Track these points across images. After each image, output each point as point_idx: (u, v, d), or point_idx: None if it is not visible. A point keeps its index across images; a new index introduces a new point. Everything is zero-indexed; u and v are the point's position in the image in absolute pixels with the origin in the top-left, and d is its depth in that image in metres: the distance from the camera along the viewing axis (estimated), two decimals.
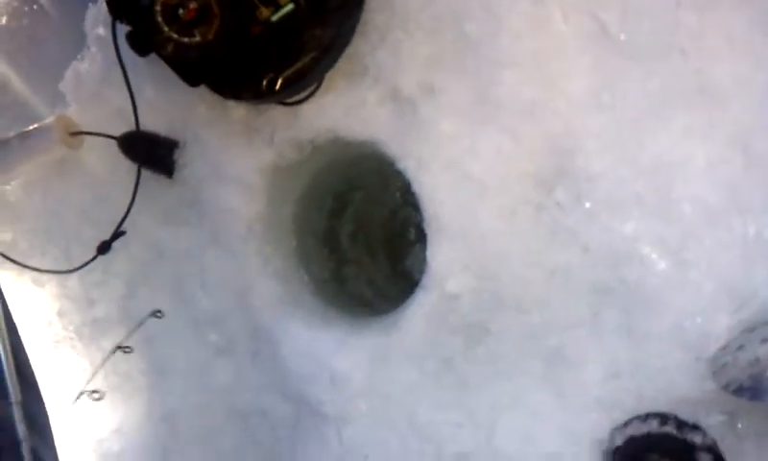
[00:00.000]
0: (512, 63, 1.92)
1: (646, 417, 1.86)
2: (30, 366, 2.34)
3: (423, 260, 2.20)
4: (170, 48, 1.92)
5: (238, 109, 2.26)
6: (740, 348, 1.68)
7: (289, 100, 2.19)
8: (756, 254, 1.74)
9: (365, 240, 2.66)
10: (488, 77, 1.95)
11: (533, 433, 2.04)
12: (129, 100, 2.29)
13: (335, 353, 2.27)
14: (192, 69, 2.02)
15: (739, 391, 1.59)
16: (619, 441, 1.86)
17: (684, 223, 1.79)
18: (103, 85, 2.42)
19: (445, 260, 2.08)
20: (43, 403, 2.28)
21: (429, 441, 2.14)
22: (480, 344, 2.08)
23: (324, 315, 2.39)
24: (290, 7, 1.90)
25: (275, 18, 1.91)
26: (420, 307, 2.15)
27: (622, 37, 1.78)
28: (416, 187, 2.08)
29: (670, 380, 1.86)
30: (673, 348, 1.84)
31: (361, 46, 2.09)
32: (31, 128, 2.42)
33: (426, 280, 2.14)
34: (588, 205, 1.89)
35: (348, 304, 2.52)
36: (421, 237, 2.23)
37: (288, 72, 2.06)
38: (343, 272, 2.64)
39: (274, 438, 2.40)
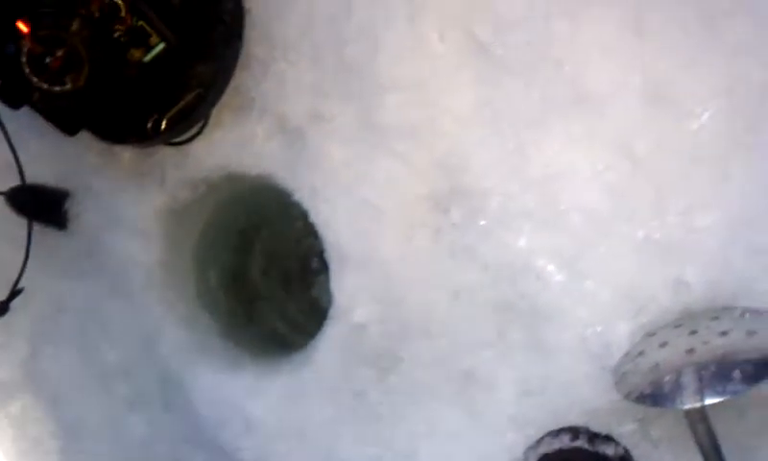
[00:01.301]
0: (393, 86, 1.88)
1: (558, 432, 1.83)
2: None
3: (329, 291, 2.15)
4: (41, 98, 1.84)
5: (126, 154, 2.19)
6: (641, 354, 1.66)
7: (177, 140, 2.12)
8: (649, 258, 1.73)
9: (278, 273, 2.60)
10: (371, 101, 1.92)
11: (452, 458, 1.99)
12: (11, 154, 2.20)
13: (248, 397, 2.21)
14: (67, 117, 1.94)
15: (641, 399, 1.56)
16: (533, 459, 1.82)
17: (575, 233, 1.77)
18: None
19: (350, 290, 2.04)
20: None
21: None
22: (392, 373, 2.04)
23: (233, 358, 2.33)
24: (161, 46, 1.83)
25: (147, 59, 1.85)
26: (330, 340, 2.11)
27: (499, 51, 1.76)
28: (313, 217, 2.04)
29: (579, 393, 1.84)
30: (579, 360, 1.82)
31: (245, 79, 2.04)
32: None
33: (333, 312, 2.09)
34: (482, 222, 1.86)
35: (261, 343, 2.45)
36: (326, 267, 2.18)
37: (172, 111, 2.01)
38: (255, 309, 2.57)
39: None
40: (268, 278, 2.60)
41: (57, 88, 1.79)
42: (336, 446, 2.10)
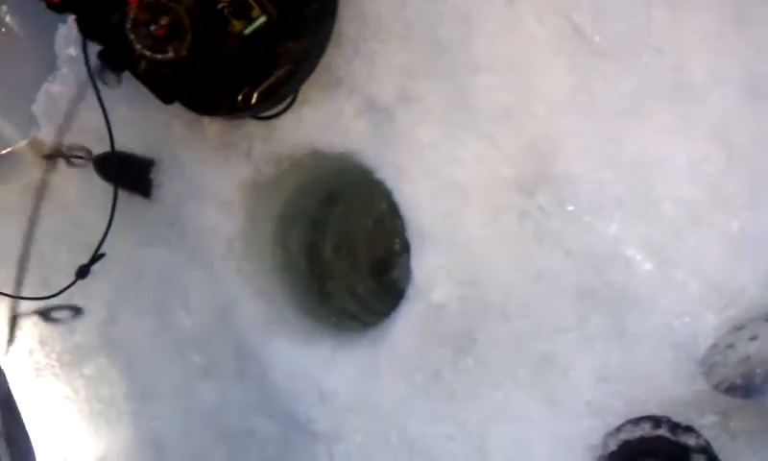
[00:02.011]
0: (487, 68, 1.89)
1: (638, 420, 1.83)
2: (12, 395, 2.30)
3: (409, 271, 2.16)
4: (143, 65, 1.88)
5: (214, 125, 2.23)
6: (730, 346, 1.65)
7: (265, 114, 2.16)
8: (741, 251, 1.72)
9: (348, 253, 2.62)
10: (463, 83, 1.93)
11: (525, 442, 2.01)
12: (103, 120, 2.25)
13: (323, 370, 2.24)
14: (166, 86, 1.98)
15: (731, 390, 1.56)
16: (613, 446, 1.83)
17: (667, 222, 1.76)
18: (76, 106, 2.38)
19: (430, 270, 2.05)
20: (26, 431, 2.24)
21: (421, 454, 2.11)
22: (468, 354, 2.05)
23: (309, 331, 2.35)
24: (262, 19, 1.86)
25: (247, 32, 1.88)
26: (406, 319, 2.12)
27: (596, 38, 1.76)
28: (396, 197, 2.05)
29: (661, 382, 1.83)
30: (662, 349, 1.81)
31: (335, 57, 2.06)
32: (2, 153, 2.37)
33: (411, 291, 2.11)
34: (570, 208, 1.86)
35: (334, 320, 2.48)
36: (408, 247, 2.20)
37: (263, 86, 2.03)
38: (327, 287, 2.60)
39: (263, 458, 2.35)
40: (340, 257, 2.63)
41: (159, 56, 1.83)
42: (408, 423, 2.12)
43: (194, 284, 2.41)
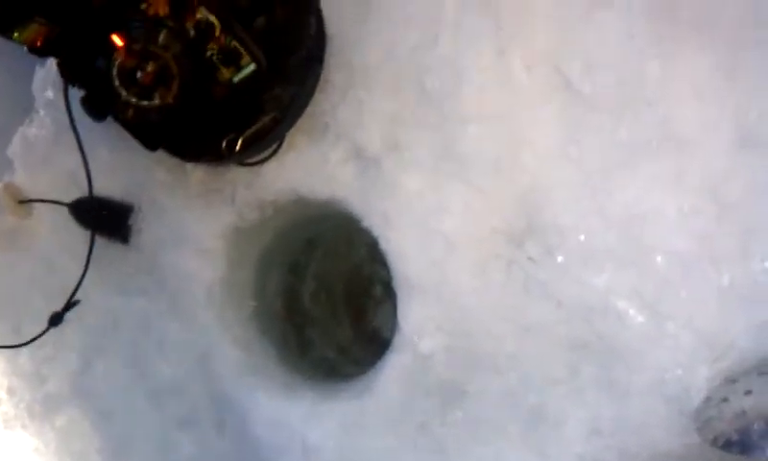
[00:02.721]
0: (475, 118, 1.89)
1: None
2: None
3: (393, 319, 2.13)
4: (129, 112, 1.83)
5: (197, 172, 2.19)
6: (724, 400, 1.64)
7: (250, 160, 2.12)
8: (732, 304, 1.71)
9: (327, 300, 2.58)
10: (451, 132, 1.92)
11: None
12: (81, 164, 2.20)
13: (305, 423, 2.18)
14: (151, 132, 1.94)
15: (728, 446, 1.54)
16: None
17: (658, 275, 1.76)
18: (53, 150, 2.33)
19: (417, 320, 2.02)
20: None
21: None
22: (457, 407, 2.01)
23: (289, 382, 2.30)
24: (251, 67, 1.84)
25: (236, 79, 1.85)
26: (392, 370, 2.08)
27: (586, 89, 1.77)
28: (383, 245, 2.03)
29: (653, 435, 1.81)
30: (654, 402, 1.79)
31: (322, 104, 2.05)
32: None
33: (398, 341, 2.08)
34: (559, 258, 1.85)
35: (313, 370, 2.43)
36: (390, 295, 2.17)
37: (248, 132, 2.00)
38: (305, 334, 2.55)
39: None
40: (319, 304, 2.59)
41: (145, 103, 1.79)
42: None
43: (172, 333, 2.35)
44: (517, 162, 1.85)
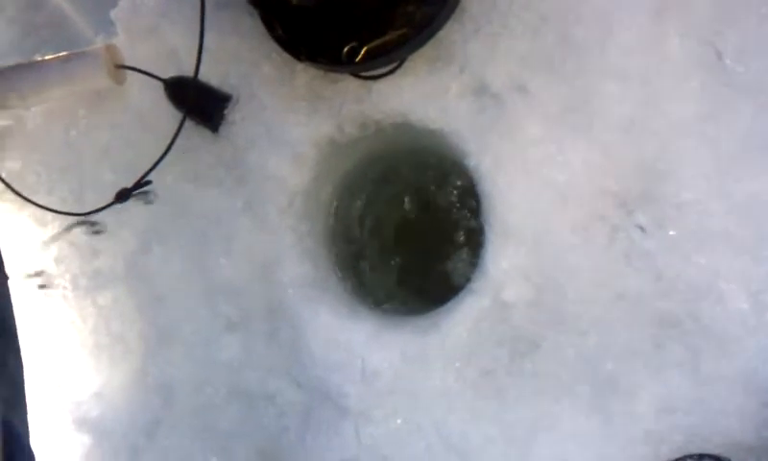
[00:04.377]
0: (616, 76, 1.88)
1: (701, 457, 1.81)
2: (12, 315, 2.14)
3: (471, 266, 2.12)
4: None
5: (307, 74, 2.15)
6: None
7: (366, 73, 2.09)
8: None
9: (404, 237, 2.55)
10: (587, 86, 1.91)
11: (572, 459, 1.95)
12: (184, 40, 2.19)
13: (367, 346, 2.17)
14: (280, 19, 1.91)
15: None
16: None
17: None
18: (159, 21, 2.28)
19: (506, 267, 2.01)
20: (20, 357, 2.08)
21: (457, 451, 2.05)
22: (528, 359, 2.01)
23: (354, 305, 2.27)
24: None
25: None
26: (467, 312, 2.07)
27: (738, 70, 1.76)
28: (487, 186, 2.01)
29: (728, 423, 1.83)
30: (738, 391, 1.81)
31: (453, 34, 2.03)
32: (73, 52, 2.24)
33: (479, 285, 2.06)
34: (671, 233, 1.85)
35: (374, 299, 2.40)
36: (470, 242, 2.15)
37: (373, 44, 1.98)
38: (376, 263, 2.53)
39: (280, 426, 2.25)
40: (398, 238, 2.56)
41: None
42: (448, 417, 2.07)
43: (241, 233, 2.31)
44: (649, 128, 1.84)
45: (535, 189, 1.96)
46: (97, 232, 2.44)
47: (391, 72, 2.09)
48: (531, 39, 1.95)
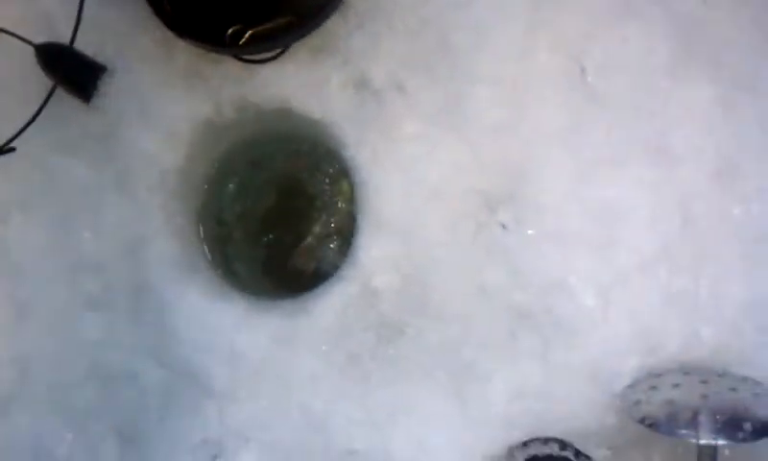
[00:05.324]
0: (488, 81, 2.00)
1: (546, 440, 1.96)
2: None
3: (340, 254, 2.20)
4: None
5: (188, 52, 2.14)
6: (653, 388, 1.84)
7: (248, 57, 2.11)
8: (673, 311, 1.93)
9: (272, 224, 2.57)
10: (461, 88, 2.02)
11: (430, 441, 2.07)
12: (60, 5, 2.12)
13: (236, 327, 2.18)
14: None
15: (655, 426, 1.73)
16: (520, 459, 1.94)
17: (618, 266, 1.94)
18: None
19: (377, 256, 2.10)
20: None
21: (321, 432, 2.11)
22: (392, 345, 2.09)
23: (224, 288, 2.28)
24: None
25: None
26: (337, 297, 2.13)
27: (599, 86, 1.93)
28: (363, 178, 2.09)
29: (573, 409, 1.98)
30: (582, 380, 1.97)
31: (338, 26, 2.09)
32: None
33: (349, 272, 2.13)
34: (530, 231, 1.99)
35: (241, 284, 2.42)
36: (342, 232, 2.22)
37: (258, 28, 2.01)
38: (246, 249, 2.54)
39: (141, 405, 2.22)
40: (267, 225, 2.57)
41: None
42: (314, 400, 2.12)
43: (109, 208, 2.26)
44: (517, 133, 1.98)
45: (408, 184, 2.06)
46: None
47: (274, 58, 2.12)
48: (411, 41, 2.04)
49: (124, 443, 2.21)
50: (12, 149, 2.17)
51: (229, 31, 2.00)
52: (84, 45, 2.18)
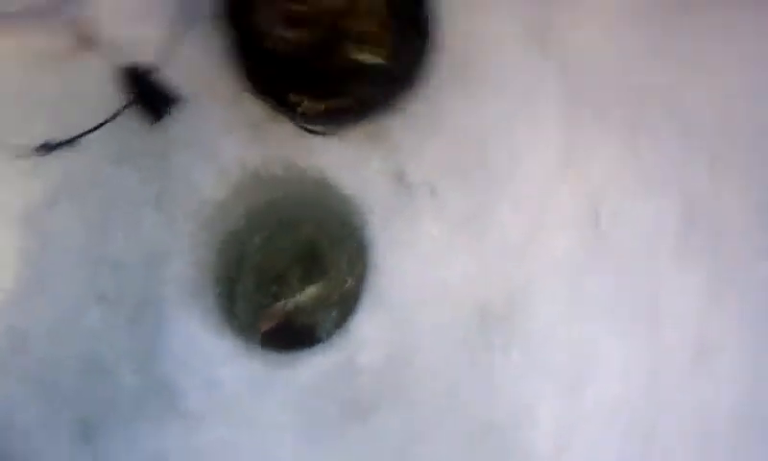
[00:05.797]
0: (512, 201, 2.20)
1: None
2: None
3: (335, 324, 2.38)
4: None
5: (255, 105, 2.36)
6: None
7: (308, 126, 2.32)
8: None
9: (283, 285, 2.72)
10: (487, 202, 2.21)
11: None
12: (155, 32, 2.36)
13: (222, 361, 2.31)
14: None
15: None
16: None
17: (581, 410, 2.06)
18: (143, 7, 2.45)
19: (369, 333, 2.22)
20: None
21: None
22: (357, 421, 2.20)
23: (220, 323, 2.41)
24: (377, 61, 2.10)
25: (358, 57, 2.11)
26: (322, 362, 2.25)
27: (608, 235, 2.12)
28: (378, 259, 2.25)
29: None
30: None
31: (391, 120, 2.31)
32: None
33: (339, 341, 2.24)
34: (515, 354, 2.12)
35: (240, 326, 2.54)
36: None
37: (318, 103, 2.21)
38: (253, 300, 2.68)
39: (113, 401, 2.33)
40: (278, 284, 2.72)
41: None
42: (270, 448, 2.23)
43: (145, 220, 2.43)
44: (525, 256, 2.15)
45: (417, 278, 2.21)
46: None
47: (328, 133, 2.32)
48: (453, 149, 2.25)
49: (84, 431, 2.32)
50: (75, 143, 2.39)
51: (293, 97, 2.21)
52: (166, 72, 2.42)
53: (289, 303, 2.59)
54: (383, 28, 2.08)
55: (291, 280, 2.63)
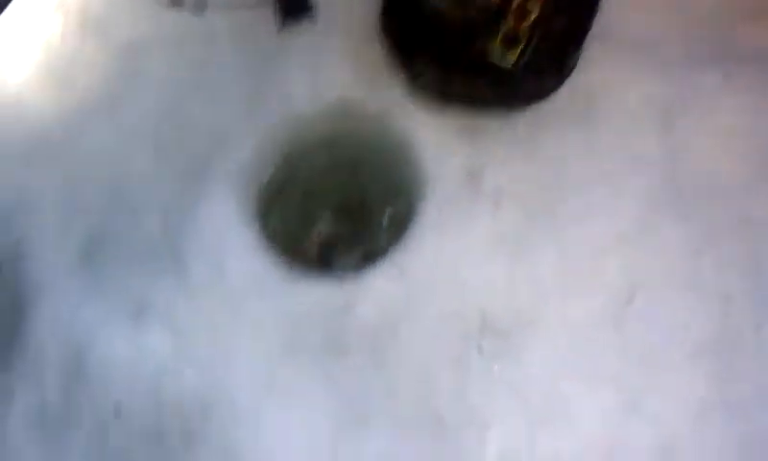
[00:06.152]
0: (558, 247, 2.23)
1: None
2: None
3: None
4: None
5: (381, 56, 2.53)
6: None
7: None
8: None
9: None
10: (538, 238, 2.25)
11: None
12: None
13: (238, 254, 2.39)
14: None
15: None
16: None
17: (532, 451, 2.05)
18: None
19: (377, 291, 2.27)
20: None
21: None
22: (337, 359, 2.21)
23: (250, 223, 2.48)
24: (506, 65, 2.19)
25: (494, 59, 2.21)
26: (326, 291, 2.31)
27: (630, 327, 2.13)
28: (416, 233, 2.32)
29: None
30: None
31: (498, 123, 2.41)
32: None
33: (348, 284, 2.31)
34: (495, 367, 2.14)
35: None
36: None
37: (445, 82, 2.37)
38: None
39: (122, 236, 2.46)
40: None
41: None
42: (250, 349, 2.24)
43: (231, 106, 2.59)
44: (547, 300, 2.19)
45: (443, 266, 2.26)
46: None
47: (429, 108, 2.43)
48: (536, 177, 2.34)
49: (88, 250, 2.44)
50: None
51: (419, 64, 2.40)
52: None
53: (322, 234, 2.60)
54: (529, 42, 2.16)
55: (332, 214, 2.66)
